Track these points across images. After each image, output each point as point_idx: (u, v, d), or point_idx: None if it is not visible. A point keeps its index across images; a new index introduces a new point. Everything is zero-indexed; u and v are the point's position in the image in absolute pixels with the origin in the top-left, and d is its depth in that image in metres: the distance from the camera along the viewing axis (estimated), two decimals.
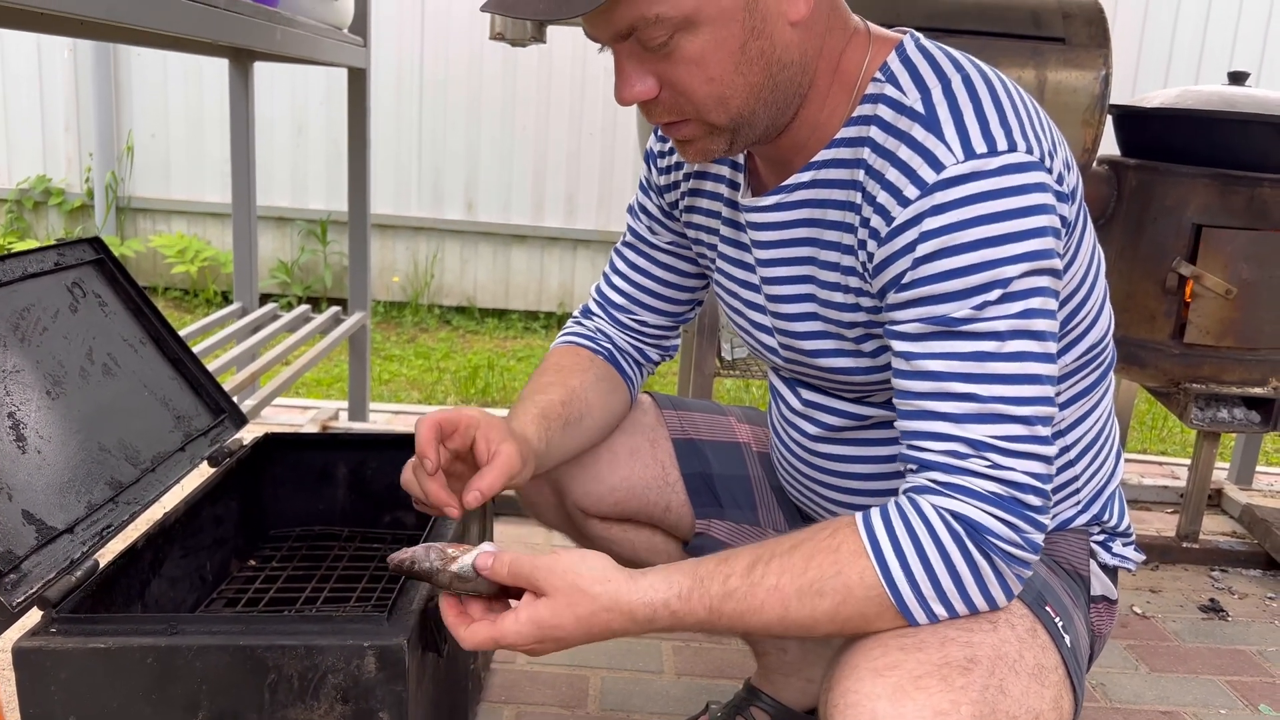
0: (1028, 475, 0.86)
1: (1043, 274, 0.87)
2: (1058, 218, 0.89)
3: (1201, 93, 2.15)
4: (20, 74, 4.60)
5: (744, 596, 0.87)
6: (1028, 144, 0.88)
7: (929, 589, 0.86)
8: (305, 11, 2.13)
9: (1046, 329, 0.88)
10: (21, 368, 1.18)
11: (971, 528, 0.85)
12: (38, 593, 0.97)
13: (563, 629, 0.88)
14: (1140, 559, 1.16)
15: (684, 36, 0.88)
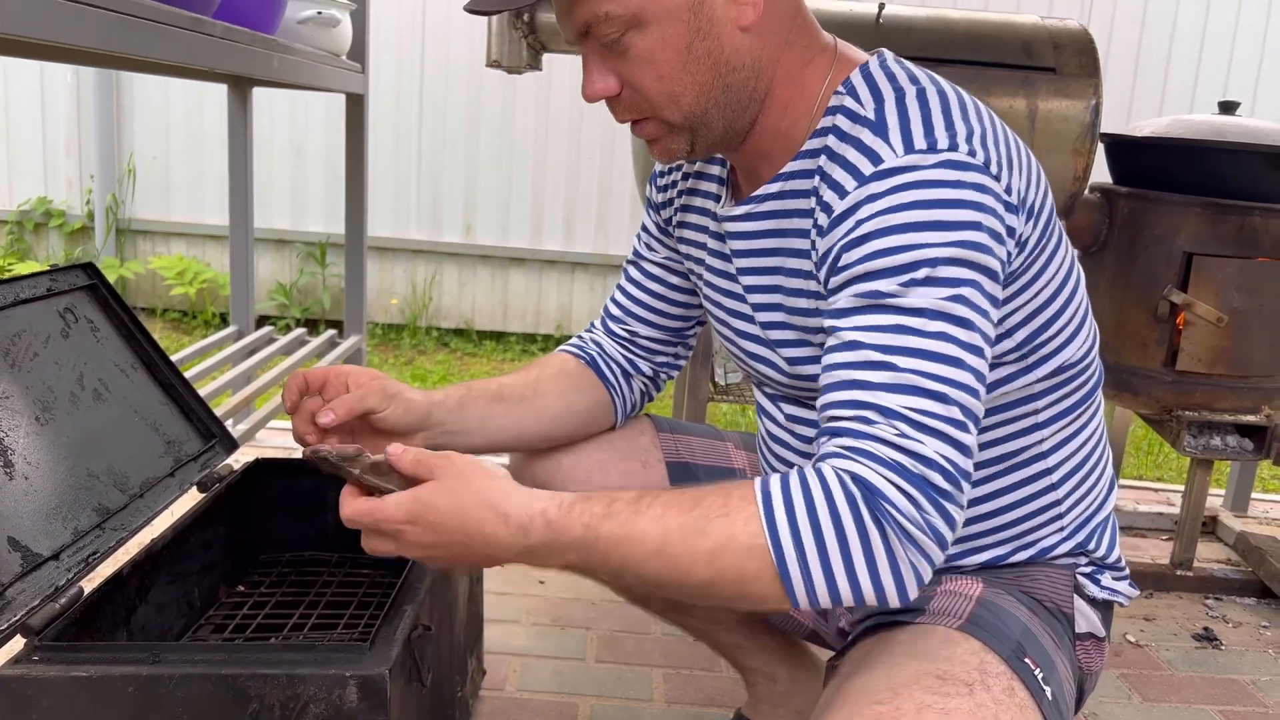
0: (937, 454, 0.83)
1: (972, 267, 0.88)
2: (998, 221, 0.89)
3: (1192, 122, 2.17)
4: (22, 96, 4.63)
5: (625, 520, 0.86)
6: (971, 148, 0.90)
7: (813, 551, 0.82)
8: (303, 39, 2.15)
9: (973, 320, 0.87)
10: (11, 394, 1.18)
11: (868, 490, 0.82)
12: (20, 620, 0.97)
13: (437, 511, 0.87)
14: (1134, 593, 1.14)
15: (635, 35, 0.94)
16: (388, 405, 1.12)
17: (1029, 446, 1.05)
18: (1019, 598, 1.03)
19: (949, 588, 1.04)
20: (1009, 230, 0.91)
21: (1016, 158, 0.95)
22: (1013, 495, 1.06)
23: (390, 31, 4.50)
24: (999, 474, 1.05)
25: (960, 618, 0.96)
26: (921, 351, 0.86)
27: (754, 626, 1.44)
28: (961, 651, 0.91)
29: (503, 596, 1.97)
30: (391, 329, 4.81)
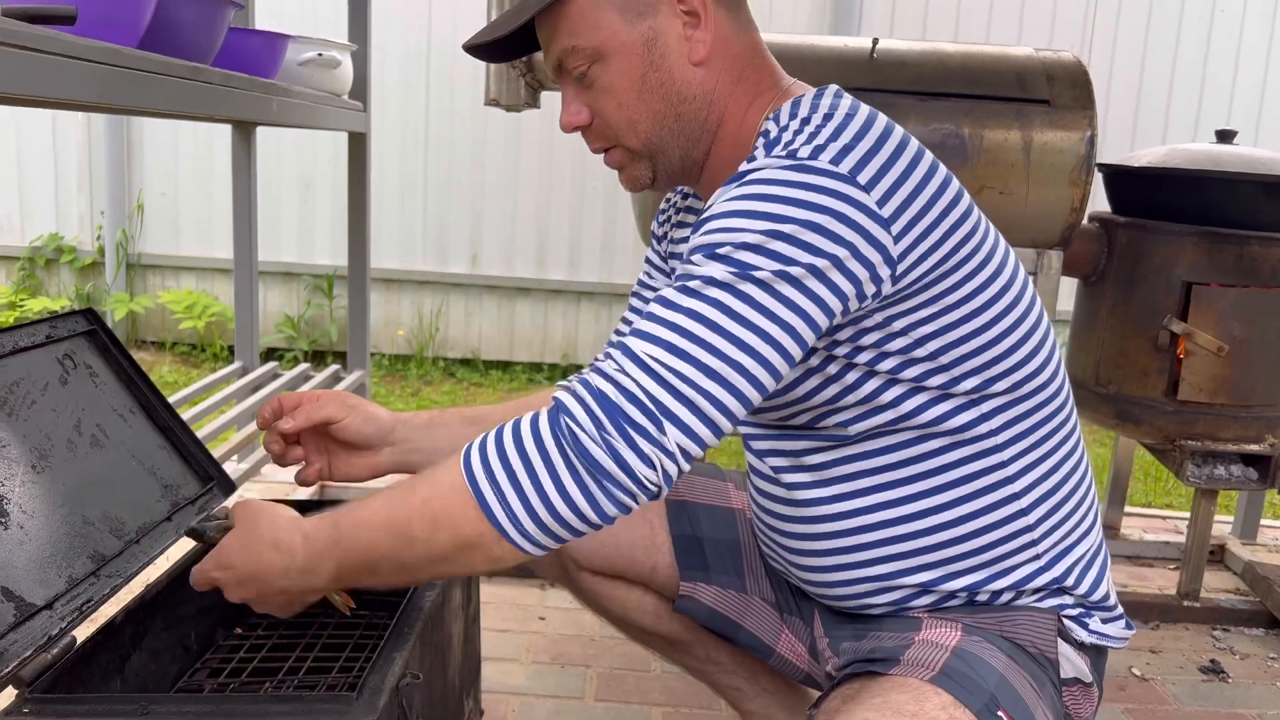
0: (646, 392, 0.88)
1: (784, 256, 0.90)
2: (847, 227, 0.91)
3: (1189, 151, 2.17)
4: (35, 135, 4.69)
5: (360, 507, 0.98)
6: (835, 159, 0.93)
7: (499, 470, 0.90)
8: (304, 80, 2.18)
9: (760, 299, 0.90)
10: (8, 443, 1.20)
11: (556, 409, 0.90)
12: (12, 672, 0.98)
13: (231, 555, 1.03)
14: (1128, 635, 1.13)
15: (598, 67, 1.05)
16: (346, 415, 1.24)
17: (991, 469, 1.04)
18: (998, 644, 1.02)
19: (927, 636, 1.04)
20: (869, 238, 0.92)
21: (908, 182, 0.95)
22: (981, 520, 1.05)
23: (396, 69, 4.55)
24: (965, 497, 1.05)
25: (933, 669, 0.96)
26: (688, 310, 0.91)
27: (753, 669, 1.44)
28: (930, 707, 0.91)
29: (503, 634, 1.97)
30: (399, 360, 4.83)
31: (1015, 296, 1.04)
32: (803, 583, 1.19)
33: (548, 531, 0.91)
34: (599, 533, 1.30)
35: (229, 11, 1.65)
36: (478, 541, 0.92)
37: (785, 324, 0.91)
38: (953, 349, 1.00)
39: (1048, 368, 1.06)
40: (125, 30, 1.36)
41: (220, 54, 1.73)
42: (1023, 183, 2.02)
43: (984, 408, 1.03)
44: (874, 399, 1.02)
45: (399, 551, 0.97)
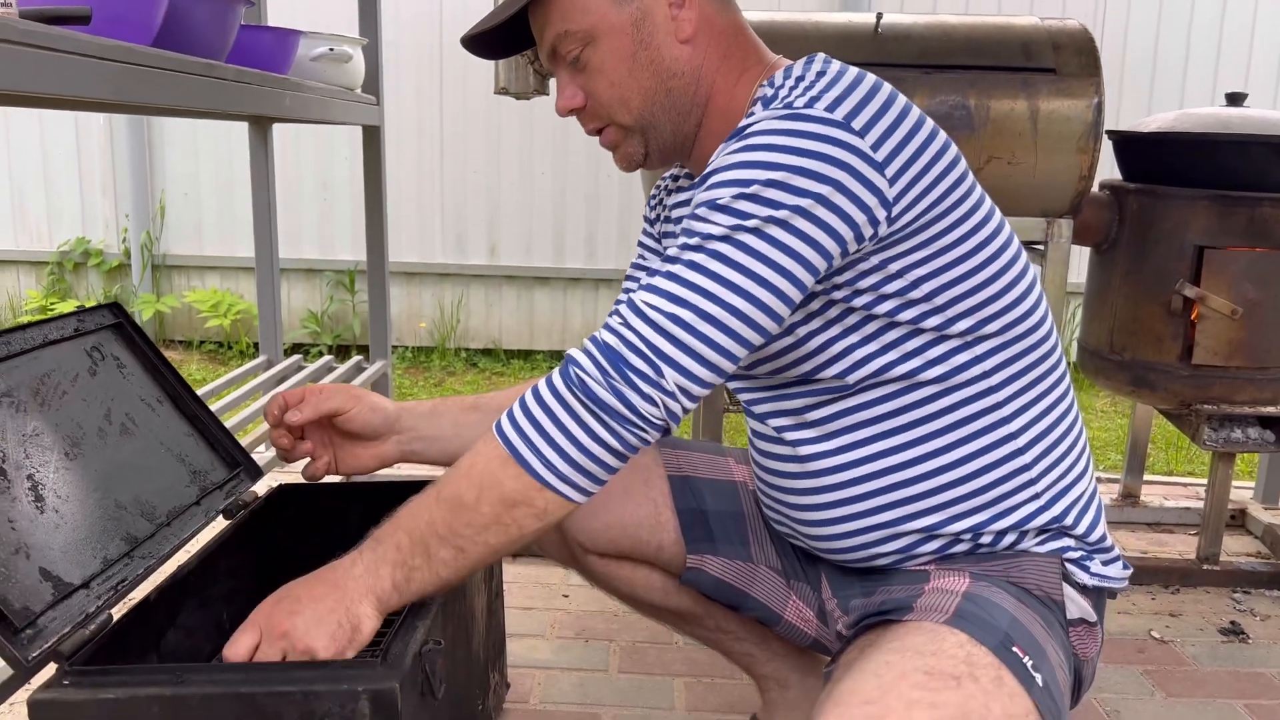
0: (641, 339, 0.96)
1: (786, 204, 0.95)
2: (843, 171, 0.96)
3: (1199, 115, 2.17)
4: (59, 141, 4.77)
5: (413, 502, 1.05)
6: (830, 106, 0.98)
7: (526, 424, 0.99)
8: (317, 75, 2.21)
9: (767, 252, 0.95)
10: (41, 431, 1.24)
11: (566, 362, 0.99)
12: (52, 647, 1.02)
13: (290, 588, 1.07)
14: (1126, 575, 1.15)
15: (590, 50, 1.10)
16: (353, 406, 1.29)
17: (987, 410, 1.07)
18: (1006, 588, 1.05)
19: (937, 584, 1.07)
20: (861, 179, 0.96)
21: (901, 128, 1.00)
22: (980, 460, 1.08)
23: (410, 63, 4.59)
24: (964, 439, 1.08)
25: (946, 613, 0.99)
26: (688, 262, 0.97)
27: (764, 635, 1.46)
28: (948, 646, 0.93)
29: (528, 611, 2.01)
30: (421, 351, 4.88)
31: (1003, 244, 1.07)
32: (810, 541, 1.22)
33: (582, 471, 0.98)
34: (605, 515, 1.35)
35: (240, 8, 1.69)
36: (522, 496, 0.99)
37: (781, 268, 0.96)
38: (946, 290, 1.03)
39: (1036, 312, 1.09)
40: (139, 29, 1.39)
41: (233, 51, 1.77)
42: (1030, 152, 2.03)
43: (978, 350, 1.06)
44: (872, 341, 1.06)
45: (452, 524, 1.01)
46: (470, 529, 1.01)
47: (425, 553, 1.03)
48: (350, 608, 1.03)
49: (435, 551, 1.03)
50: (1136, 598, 2.18)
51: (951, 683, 0.89)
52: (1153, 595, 2.20)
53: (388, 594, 1.04)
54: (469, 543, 1.02)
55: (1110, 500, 2.66)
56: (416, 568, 1.04)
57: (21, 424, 1.22)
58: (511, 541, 1.02)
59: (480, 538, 1.01)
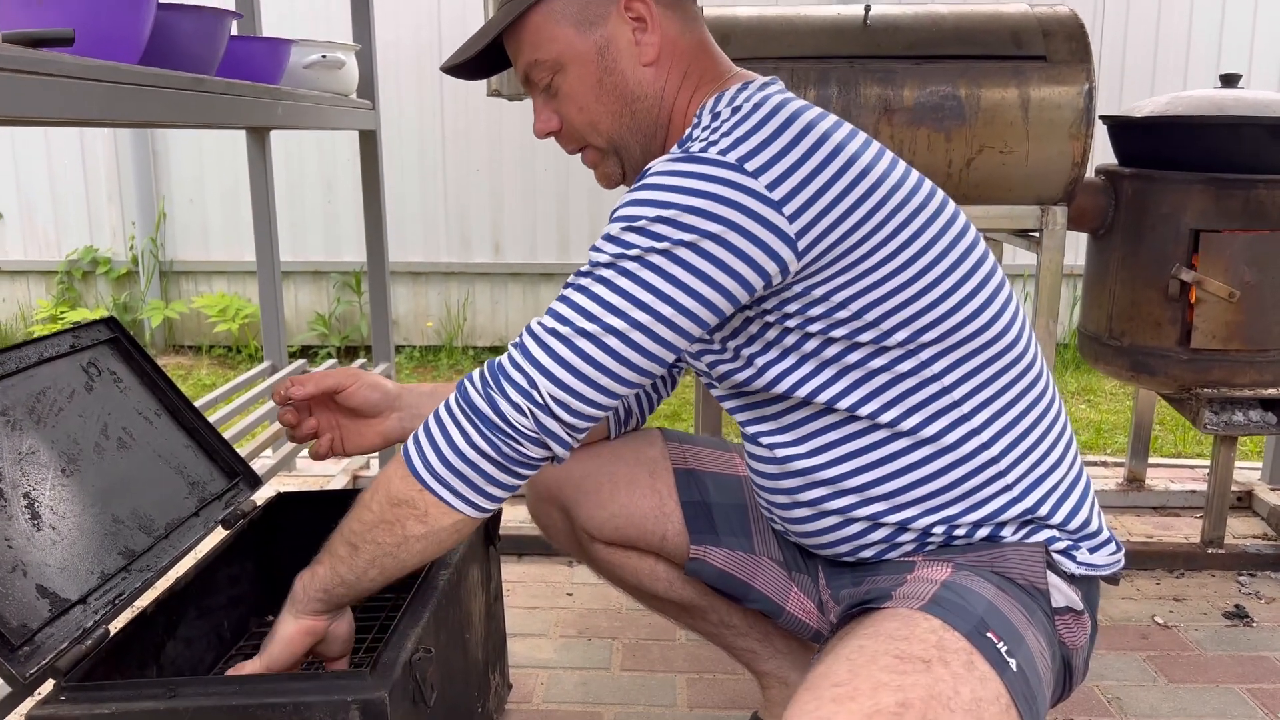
0: (521, 352, 1.01)
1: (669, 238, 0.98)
2: (744, 215, 0.98)
3: (1192, 98, 2.16)
4: (64, 151, 4.81)
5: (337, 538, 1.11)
6: (723, 149, 1.00)
7: (424, 439, 1.04)
8: (310, 83, 2.23)
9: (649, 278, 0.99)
10: (38, 449, 1.26)
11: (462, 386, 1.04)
12: (49, 663, 1.04)
13: None
14: (1118, 559, 1.15)
15: (560, 77, 1.15)
16: (353, 382, 1.35)
17: (946, 409, 1.08)
18: (988, 577, 1.06)
19: (919, 574, 1.08)
20: (756, 217, 0.98)
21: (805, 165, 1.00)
22: (946, 457, 1.09)
23: (410, 63, 4.59)
24: (928, 439, 1.09)
25: (922, 599, 1.00)
26: (576, 286, 1.02)
27: (766, 631, 1.48)
28: (920, 630, 0.94)
29: (531, 610, 2.03)
30: (429, 350, 4.90)
31: (941, 252, 1.06)
32: (798, 538, 1.24)
33: (459, 476, 1.03)
34: (611, 505, 1.37)
35: (229, 21, 1.70)
36: (404, 495, 1.05)
37: (662, 294, 0.99)
38: (876, 306, 1.04)
39: (986, 311, 1.08)
40: (125, 46, 1.40)
41: (224, 62, 1.78)
42: (1022, 140, 2.02)
43: (922, 355, 1.07)
44: (813, 358, 1.08)
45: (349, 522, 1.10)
46: (361, 525, 1.08)
47: (328, 549, 1.12)
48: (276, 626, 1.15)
49: (335, 547, 1.11)
50: (1140, 583, 2.18)
51: (921, 666, 0.90)
52: (1157, 580, 2.20)
53: (299, 595, 1.14)
54: (360, 539, 1.08)
55: (1115, 485, 2.65)
56: (319, 562, 1.13)
57: (18, 442, 1.23)
58: (397, 543, 1.06)
59: (369, 535, 1.07)
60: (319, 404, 1.38)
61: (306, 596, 1.13)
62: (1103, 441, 3.39)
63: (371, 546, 1.07)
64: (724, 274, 0.99)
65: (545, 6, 1.14)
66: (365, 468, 2.91)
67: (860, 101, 2.02)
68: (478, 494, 1.04)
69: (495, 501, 1.06)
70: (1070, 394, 4.03)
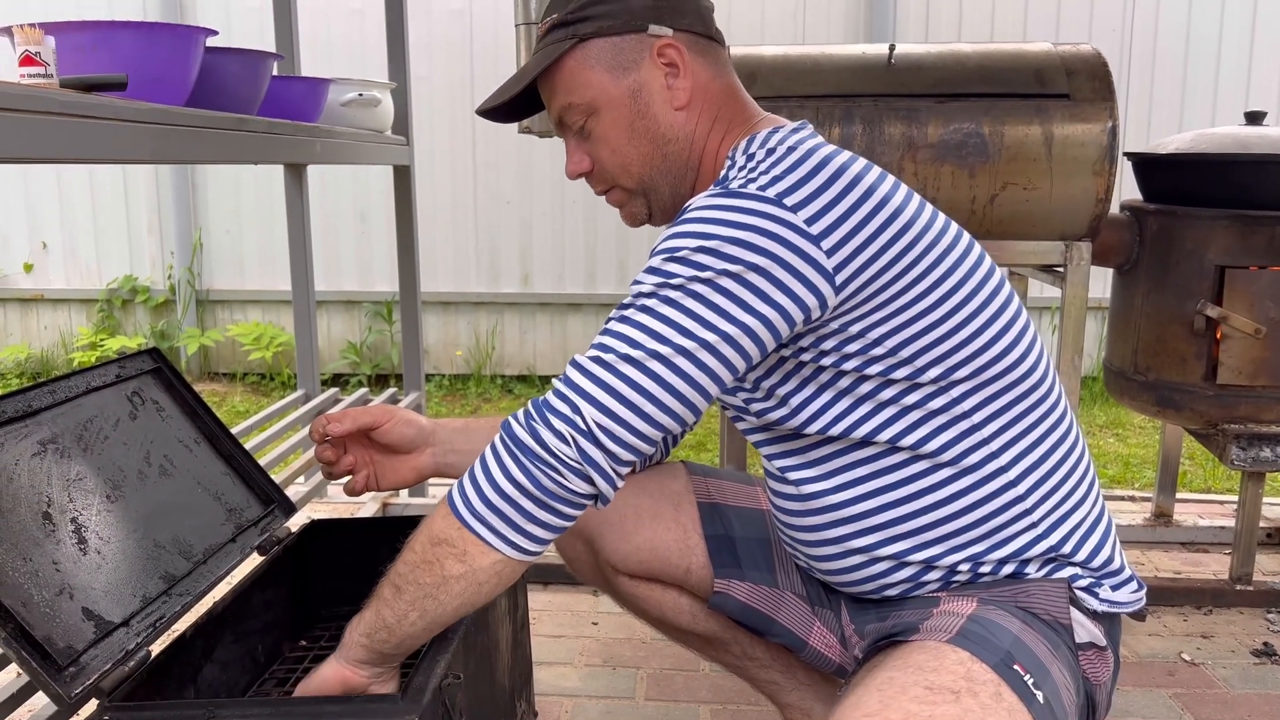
0: (566, 383, 1.02)
1: (713, 268, 1.00)
2: (774, 242, 1.01)
3: (1215, 135, 2.17)
4: (106, 183, 4.93)
5: (384, 581, 1.10)
6: (762, 185, 1.03)
7: (467, 482, 1.05)
8: (347, 120, 2.29)
9: (693, 306, 1.01)
10: (84, 475, 1.31)
11: (506, 422, 1.05)
12: (94, 684, 1.08)
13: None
14: (1139, 597, 1.16)
15: (593, 120, 1.18)
16: (388, 419, 1.37)
17: (974, 447, 1.10)
18: (1012, 611, 1.07)
19: (945, 608, 1.09)
20: (797, 251, 1.01)
21: (842, 203, 1.03)
22: (973, 495, 1.11)
23: (443, 97, 4.69)
24: (954, 476, 1.11)
25: (950, 632, 1.01)
26: (620, 318, 1.04)
27: (789, 663, 1.49)
28: (949, 662, 0.96)
29: (557, 639, 2.05)
30: (458, 379, 4.96)
31: (971, 292, 1.09)
32: (823, 575, 1.25)
33: (497, 512, 1.03)
34: (636, 538, 1.39)
35: (271, 63, 1.76)
36: (444, 534, 1.05)
37: (704, 321, 1.01)
38: (911, 343, 1.07)
39: (1014, 350, 1.11)
40: (174, 89, 1.47)
41: (266, 102, 1.85)
42: (1046, 177, 2.05)
43: (953, 393, 1.09)
44: (847, 396, 1.10)
45: (398, 565, 1.09)
46: (406, 566, 1.08)
47: (376, 593, 1.11)
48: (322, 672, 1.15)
49: (381, 592, 1.11)
50: (1168, 619, 2.18)
51: (950, 697, 0.91)
52: (1184, 616, 2.19)
53: (350, 646, 1.14)
54: (403, 581, 1.08)
55: (1143, 520, 2.64)
56: (367, 607, 1.12)
57: (66, 469, 1.28)
58: (437, 584, 1.05)
59: (412, 575, 1.07)
60: (354, 440, 1.40)
61: (351, 641, 1.13)
62: (1131, 476, 3.37)
63: (413, 588, 1.07)
64: (765, 304, 1.01)
65: (580, 51, 1.17)
66: (395, 496, 2.95)
67: (884, 139, 2.05)
68: (516, 532, 1.03)
69: (536, 543, 1.04)
70: (1098, 427, 4.01)
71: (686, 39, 1.18)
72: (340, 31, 4.68)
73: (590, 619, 2.13)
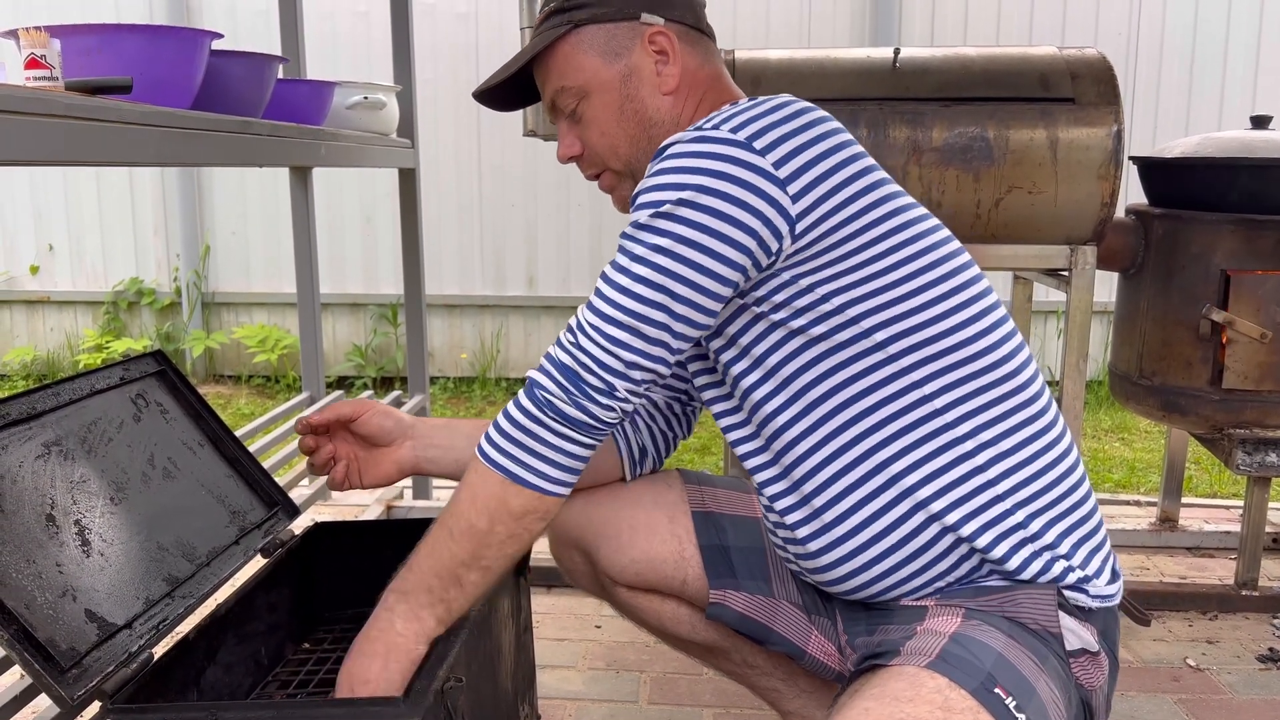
0: (591, 359, 1.07)
1: (695, 209, 1.04)
2: (741, 188, 1.04)
3: (1221, 139, 2.17)
4: (113, 185, 4.95)
5: (424, 547, 1.16)
6: (734, 127, 1.06)
7: (498, 437, 1.12)
8: (352, 123, 2.30)
9: (679, 251, 1.05)
10: (88, 477, 1.31)
11: (530, 385, 1.11)
12: (96, 686, 1.08)
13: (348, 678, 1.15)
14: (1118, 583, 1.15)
15: (585, 103, 1.23)
16: (365, 410, 1.42)
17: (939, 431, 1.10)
18: (998, 624, 1.06)
19: (929, 625, 1.08)
20: (760, 193, 1.05)
21: (810, 150, 1.07)
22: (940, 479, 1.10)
23: (448, 100, 4.69)
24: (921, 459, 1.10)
25: (930, 655, 1.00)
26: (612, 281, 1.08)
27: (790, 670, 1.48)
28: (926, 691, 0.95)
29: (560, 643, 2.05)
30: (463, 382, 4.96)
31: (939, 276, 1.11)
32: (814, 581, 1.24)
33: (566, 470, 1.12)
34: (632, 550, 1.39)
35: (276, 66, 1.77)
36: (529, 507, 1.12)
37: (695, 263, 1.05)
38: (857, 304, 1.08)
39: (984, 339, 1.11)
40: (179, 92, 1.47)
41: (271, 104, 1.85)
42: (1051, 181, 2.04)
43: (903, 363, 1.09)
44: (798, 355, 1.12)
45: (475, 551, 1.14)
46: (492, 549, 1.13)
47: (458, 583, 1.15)
48: (414, 659, 1.15)
49: (465, 578, 1.15)
50: (1173, 624, 2.17)
51: None
52: (1190, 622, 2.18)
53: (434, 629, 1.16)
54: (494, 559, 1.14)
55: (1148, 525, 2.64)
56: (453, 599, 1.16)
57: (70, 471, 1.28)
58: (524, 546, 1.16)
59: (502, 552, 1.14)
60: (338, 437, 1.44)
61: (443, 628, 1.17)
62: (1136, 480, 3.36)
63: (504, 561, 1.15)
64: (733, 248, 1.05)
65: (575, 36, 1.22)
66: (399, 498, 2.95)
67: (889, 142, 2.05)
68: (575, 475, 1.13)
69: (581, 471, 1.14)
70: (1104, 431, 4.00)
71: (677, 29, 1.23)
72: (346, 35, 4.69)
73: (594, 622, 2.13)
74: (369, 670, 1.13)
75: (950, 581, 1.13)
